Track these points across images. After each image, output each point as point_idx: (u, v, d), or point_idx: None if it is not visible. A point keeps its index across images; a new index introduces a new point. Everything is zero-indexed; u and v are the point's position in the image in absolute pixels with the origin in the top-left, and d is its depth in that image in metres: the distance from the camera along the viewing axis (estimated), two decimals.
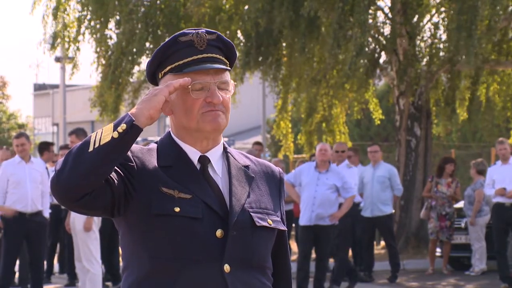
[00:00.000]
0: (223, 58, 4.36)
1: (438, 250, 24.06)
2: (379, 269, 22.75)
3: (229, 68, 4.39)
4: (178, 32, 4.39)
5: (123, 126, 4.00)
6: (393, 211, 23.07)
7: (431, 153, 27.74)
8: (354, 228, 23.06)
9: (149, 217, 4.22)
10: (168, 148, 4.45)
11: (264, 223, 4.33)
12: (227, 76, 4.35)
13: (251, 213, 4.30)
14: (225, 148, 4.48)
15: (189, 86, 4.22)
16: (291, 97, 29.80)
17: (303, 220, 19.57)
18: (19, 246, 18.17)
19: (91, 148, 4.00)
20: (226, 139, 14.36)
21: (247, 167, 4.49)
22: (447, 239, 23.69)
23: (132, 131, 4.06)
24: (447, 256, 23.92)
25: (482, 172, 22.31)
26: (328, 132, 29.45)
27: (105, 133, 4.03)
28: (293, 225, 21.13)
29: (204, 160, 4.39)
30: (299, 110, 30.35)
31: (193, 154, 4.38)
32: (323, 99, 29.59)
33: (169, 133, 4.52)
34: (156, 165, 4.35)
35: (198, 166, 4.37)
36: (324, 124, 30.20)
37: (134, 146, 4.36)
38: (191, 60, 4.24)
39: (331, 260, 22.79)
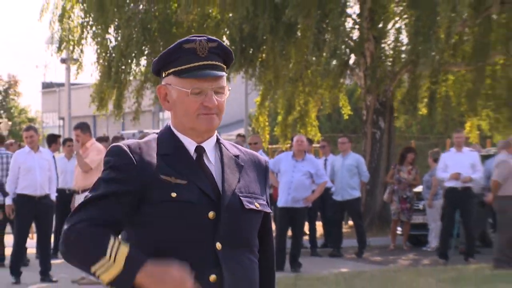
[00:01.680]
0: (222, 64, 4.36)
1: (399, 229, 24.19)
2: (347, 245, 22.85)
3: (226, 74, 4.38)
4: (182, 39, 4.35)
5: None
6: (360, 195, 23.23)
7: (393, 143, 27.85)
8: (325, 210, 23.47)
9: (149, 207, 4.25)
10: (168, 139, 4.45)
11: (252, 206, 4.36)
12: (224, 81, 4.36)
13: (240, 197, 4.32)
14: (218, 140, 4.48)
15: (189, 90, 4.29)
16: (270, 94, 29.91)
17: (280, 202, 19.92)
18: (29, 226, 18.42)
19: (99, 265, 4.08)
20: None
21: (237, 156, 4.52)
22: (407, 219, 23.89)
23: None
24: (406, 234, 24.13)
25: (438, 161, 22.48)
26: (301, 125, 29.64)
27: (118, 262, 4.07)
28: (272, 207, 21.38)
29: (199, 150, 4.42)
30: (276, 106, 30.51)
31: (190, 145, 4.40)
32: (300, 96, 29.83)
33: (169, 126, 4.54)
34: (155, 154, 4.36)
35: (194, 156, 4.40)
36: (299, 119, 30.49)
37: (131, 142, 4.41)
38: (192, 67, 4.25)
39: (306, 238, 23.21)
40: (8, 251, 18.83)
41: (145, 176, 4.30)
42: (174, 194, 4.25)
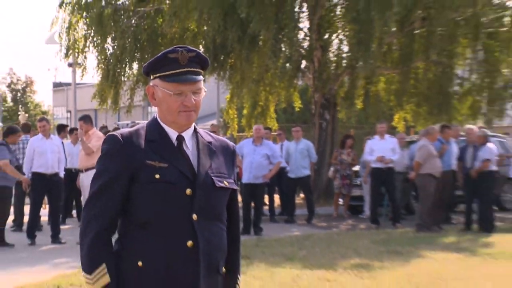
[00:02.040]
0: (199, 70, 4.44)
1: (341, 200, 24.20)
2: (299, 214, 22.82)
3: (203, 78, 4.50)
4: (168, 49, 4.44)
5: None
6: (310, 173, 23.25)
7: (336, 132, 27.82)
8: (282, 185, 23.52)
9: (137, 186, 4.36)
10: (154, 128, 4.53)
11: (222, 184, 4.48)
12: (201, 84, 4.46)
13: (212, 177, 4.43)
14: (195, 129, 4.58)
15: (172, 92, 4.43)
16: (237, 93, 29.90)
17: (244, 179, 20.07)
18: (42, 199, 18.40)
19: (88, 278, 4.41)
20: None
21: (210, 143, 4.59)
22: (347, 193, 23.97)
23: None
24: (347, 205, 24.16)
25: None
26: (262, 118, 29.69)
27: (96, 286, 4.37)
28: (238, 183, 21.26)
29: (180, 138, 4.49)
30: (242, 102, 30.55)
31: (172, 134, 4.48)
32: (261, 94, 29.87)
33: (155, 117, 4.61)
34: (143, 141, 4.45)
35: (175, 143, 4.48)
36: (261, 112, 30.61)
37: (124, 131, 4.54)
38: (175, 73, 4.34)
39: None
40: (25, 219, 18.79)
41: (134, 161, 4.40)
42: (157, 176, 4.35)
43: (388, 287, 12.05)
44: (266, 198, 23.23)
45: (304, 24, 27.90)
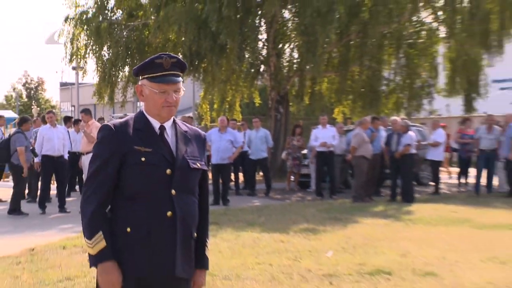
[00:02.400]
0: (179, 73, 4.60)
1: (292, 177, 24.24)
2: (259, 188, 22.77)
3: (182, 79, 4.63)
4: (154, 56, 4.58)
5: (94, 263, 4.41)
6: (267, 155, 23.21)
7: (288, 122, 27.78)
8: (245, 165, 23.45)
9: (127, 167, 4.45)
10: (140, 119, 4.61)
11: (195, 166, 4.60)
12: (180, 84, 4.61)
13: (188, 160, 4.55)
14: (174, 120, 4.68)
15: (157, 91, 4.54)
16: (209, 91, 29.87)
17: (213, 161, 20.10)
18: (51, 176, 18.33)
19: (88, 243, 4.44)
20: None
21: (186, 132, 4.68)
22: (297, 171, 23.95)
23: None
24: (297, 181, 24.14)
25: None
26: (229, 111, 29.68)
27: (95, 249, 4.40)
28: (209, 163, 21.20)
29: (162, 128, 4.58)
30: (213, 98, 30.49)
31: (155, 124, 4.58)
32: (229, 92, 29.83)
33: (142, 110, 4.69)
34: (131, 130, 4.53)
35: (158, 131, 4.57)
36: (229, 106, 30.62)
37: (116, 122, 4.62)
38: (160, 75, 4.48)
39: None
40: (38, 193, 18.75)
41: (124, 146, 4.50)
42: (143, 159, 4.48)
43: (330, 247, 12.02)
44: (233, 176, 23.19)
45: (263, 35, 27.84)
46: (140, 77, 4.62)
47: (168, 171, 4.51)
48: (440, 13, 27.92)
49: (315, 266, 10.39)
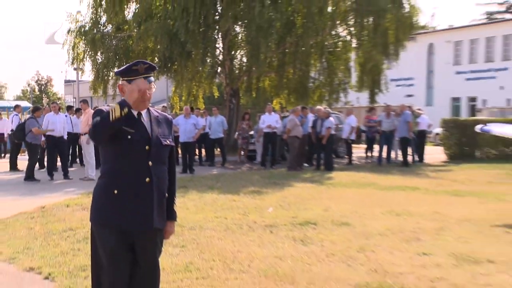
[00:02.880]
0: (151, 74, 4.56)
1: (242, 152, 24.14)
2: (217, 160, 22.65)
3: (153, 79, 4.60)
4: (131, 63, 4.57)
5: (125, 110, 4.41)
6: (223, 135, 23.09)
7: (239, 111, 27.58)
8: (206, 143, 23.30)
9: (117, 141, 4.43)
10: (124, 109, 4.47)
11: (166, 142, 4.60)
12: (153, 83, 4.58)
13: (160, 138, 4.57)
14: (148, 108, 4.65)
15: (136, 89, 4.49)
16: (179, 87, 29.57)
17: (180, 140, 19.86)
18: (55, 151, 18.14)
19: (111, 119, 4.35)
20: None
21: (157, 116, 4.68)
22: (246, 148, 23.90)
23: (129, 109, 4.44)
24: (246, 155, 23.95)
25: (260, 119, 22.70)
26: (194, 102, 29.53)
27: (116, 111, 4.35)
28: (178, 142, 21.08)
29: (139, 114, 4.56)
30: (182, 92, 30.25)
31: (134, 111, 4.52)
32: (194, 88, 29.67)
33: (123, 100, 4.57)
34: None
35: (136, 116, 4.53)
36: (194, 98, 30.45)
37: (105, 107, 4.60)
38: (135, 78, 4.48)
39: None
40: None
41: (118, 125, 4.44)
42: (129, 137, 4.47)
43: (270, 204, 12.01)
44: (197, 151, 22.95)
45: (219, 45, 27.67)
46: (121, 78, 4.60)
47: (147, 147, 4.51)
48: (352, 29, 28.23)
49: (259, 219, 10.38)
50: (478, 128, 14.56)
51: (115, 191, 4.45)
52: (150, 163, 4.51)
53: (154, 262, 4.64)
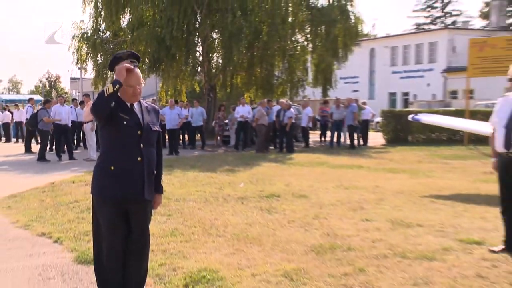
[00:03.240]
0: (135, 61, 4.50)
1: (218, 137, 24.01)
2: (198, 144, 22.53)
3: (137, 64, 4.55)
4: (117, 52, 4.60)
5: (117, 86, 4.28)
6: (203, 123, 23.00)
7: (216, 103, 27.23)
8: (189, 130, 23.14)
9: (114, 125, 4.38)
10: (117, 98, 4.42)
11: (154, 128, 4.54)
12: (142, 79, 4.53)
13: (150, 125, 4.50)
14: (139, 100, 4.57)
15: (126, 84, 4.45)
16: (166, 83, 29.36)
17: (167, 127, 19.95)
18: (61, 137, 18.18)
19: (106, 94, 4.27)
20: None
21: (146, 107, 4.61)
22: (222, 134, 23.78)
23: (120, 86, 4.32)
24: (221, 139, 23.82)
25: (235, 109, 22.55)
26: (178, 96, 29.27)
27: (110, 88, 4.26)
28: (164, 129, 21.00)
29: (131, 105, 4.49)
30: (168, 88, 29.96)
31: (127, 102, 4.47)
32: (178, 84, 29.41)
33: (118, 94, 4.46)
34: (113, 104, 4.38)
35: (129, 106, 4.47)
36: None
37: None
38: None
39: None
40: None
41: (113, 111, 4.39)
42: (125, 122, 4.42)
43: (242, 180, 11.99)
44: (181, 137, 22.79)
45: (199, 48, 27.49)
46: (114, 71, 4.50)
47: (139, 132, 4.46)
48: (308, 36, 28.20)
49: (233, 192, 10.36)
50: (410, 117, 14.68)
51: (112, 168, 4.40)
52: (141, 145, 4.45)
53: (145, 228, 4.60)
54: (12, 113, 29.47)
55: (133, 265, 4.57)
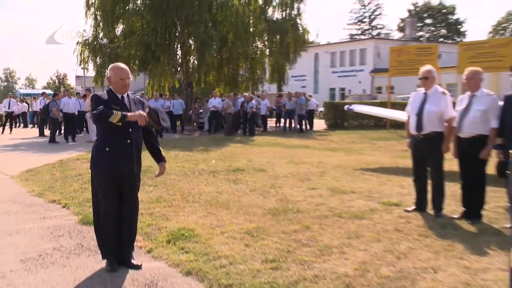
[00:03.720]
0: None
1: (195, 124, 23.68)
2: (178, 129, 22.37)
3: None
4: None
5: (120, 124, 4.24)
6: (182, 112, 22.71)
7: (193, 96, 26.93)
8: (171, 118, 22.76)
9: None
10: (111, 92, 4.42)
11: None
12: (130, 73, 4.46)
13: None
14: (128, 93, 4.48)
15: (118, 79, 4.39)
16: (152, 80, 28.72)
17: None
18: (68, 123, 17.76)
19: (110, 118, 4.22)
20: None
21: (134, 99, 4.51)
22: (197, 120, 23.46)
23: (124, 122, 4.27)
24: (197, 125, 23.46)
25: (208, 101, 22.34)
26: (162, 91, 28.59)
27: (117, 117, 4.21)
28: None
29: (122, 97, 4.40)
30: (154, 84, 29.18)
31: (118, 95, 4.39)
32: (162, 80, 28.83)
33: (110, 88, 4.46)
34: (107, 97, 4.36)
35: (120, 99, 4.38)
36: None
37: (99, 93, 4.44)
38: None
39: None
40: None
41: (104, 103, 4.32)
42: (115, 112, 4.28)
43: (213, 157, 11.92)
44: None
45: (179, 52, 27.06)
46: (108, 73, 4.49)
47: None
48: (266, 42, 27.96)
49: (206, 167, 10.29)
50: (345, 107, 14.86)
51: (107, 149, 4.37)
52: (130, 130, 4.37)
53: (134, 195, 4.58)
54: (28, 104, 29.99)
55: (126, 225, 4.54)
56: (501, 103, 5.88)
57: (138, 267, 4.49)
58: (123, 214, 4.51)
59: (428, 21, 68.38)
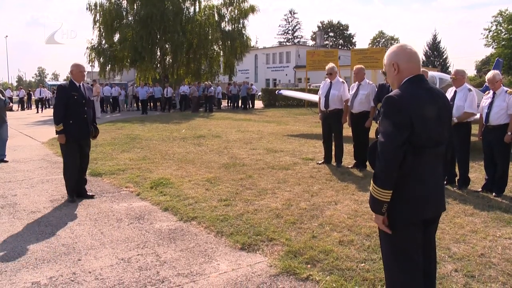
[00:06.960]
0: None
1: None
2: (158, 109, 21.57)
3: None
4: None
5: (58, 135, 4.27)
6: (161, 96, 21.62)
7: (169, 84, 25.97)
8: (152, 100, 21.68)
9: (70, 97, 4.29)
10: (72, 82, 4.35)
11: (92, 98, 4.54)
12: (85, 67, 4.43)
13: (89, 97, 4.52)
14: (82, 83, 4.47)
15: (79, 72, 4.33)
16: (140, 75, 27.10)
17: (140, 98, 18.45)
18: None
19: (56, 127, 4.33)
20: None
21: (86, 86, 4.55)
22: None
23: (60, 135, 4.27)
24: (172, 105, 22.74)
25: (179, 88, 21.43)
26: (147, 81, 27.04)
27: (58, 128, 4.27)
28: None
29: (80, 85, 4.39)
30: (140, 77, 27.38)
31: (76, 83, 4.34)
32: (149, 76, 27.16)
33: (71, 79, 4.34)
34: (69, 86, 4.30)
35: (78, 86, 4.35)
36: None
37: (63, 83, 4.31)
38: None
39: None
40: None
41: (68, 92, 4.27)
42: (75, 97, 4.32)
43: (183, 127, 11.55)
44: (149, 104, 21.13)
45: (158, 54, 25.66)
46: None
47: (83, 101, 4.40)
48: (220, 46, 26.80)
49: (178, 135, 9.96)
50: (276, 92, 14.81)
51: (70, 121, 4.40)
52: (85, 108, 4.43)
53: (88, 152, 4.66)
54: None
55: (83, 168, 4.66)
56: (376, 89, 6.08)
57: (92, 197, 4.60)
58: (82, 165, 4.62)
59: (331, 34, 70.27)
